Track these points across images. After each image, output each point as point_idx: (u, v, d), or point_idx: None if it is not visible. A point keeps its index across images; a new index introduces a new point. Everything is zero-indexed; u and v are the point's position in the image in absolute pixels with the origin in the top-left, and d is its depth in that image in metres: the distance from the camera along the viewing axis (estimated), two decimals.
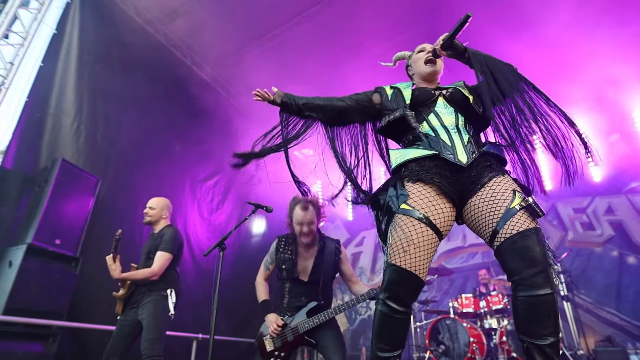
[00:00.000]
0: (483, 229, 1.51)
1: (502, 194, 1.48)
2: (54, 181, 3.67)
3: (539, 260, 1.34)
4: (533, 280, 1.33)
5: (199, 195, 6.06)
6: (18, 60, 3.98)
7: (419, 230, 1.48)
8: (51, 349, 3.46)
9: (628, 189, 6.51)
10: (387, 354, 1.48)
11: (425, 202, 1.52)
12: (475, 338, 4.65)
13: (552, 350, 1.30)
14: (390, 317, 1.47)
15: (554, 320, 1.32)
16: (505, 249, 1.40)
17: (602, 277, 6.12)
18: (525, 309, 1.36)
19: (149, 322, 2.86)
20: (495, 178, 1.55)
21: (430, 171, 1.56)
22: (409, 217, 1.50)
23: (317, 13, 5.73)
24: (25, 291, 3.29)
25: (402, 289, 1.47)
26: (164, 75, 5.78)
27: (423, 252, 1.48)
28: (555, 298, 1.34)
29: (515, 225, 1.40)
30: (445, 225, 1.54)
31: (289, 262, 2.72)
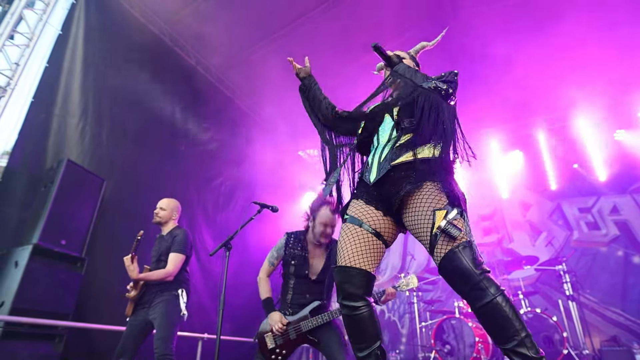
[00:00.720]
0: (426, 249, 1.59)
1: (422, 218, 1.52)
2: (59, 182, 3.67)
3: (468, 277, 1.39)
4: (472, 294, 1.39)
5: (204, 195, 6.06)
6: (23, 61, 3.99)
7: (349, 229, 1.68)
8: (57, 349, 3.47)
9: (633, 189, 6.49)
10: (365, 351, 1.57)
11: (359, 210, 1.71)
12: (481, 338, 4.64)
13: (525, 348, 1.30)
14: (353, 316, 1.59)
15: (510, 321, 1.33)
16: (442, 274, 1.48)
17: (608, 277, 6.10)
18: (482, 319, 1.40)
19: (161, 321, 2.88)
20: (414, 194, 1.57)
21: (361, 190, 1.78)
22: (344, 222, 1.75)
23: (323, 13, 5.73)
24: (31, 291, 3.29)
25: (350, 285, 1.60)
26: (169, 75, 5.79)
27: (354, 247, 1.63)
28: (498, 301, 1.34)
29: (440, 251, 1.45)
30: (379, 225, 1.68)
31: (300, 258, 2.74)
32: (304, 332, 2.56)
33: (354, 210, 1.74)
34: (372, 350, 1.55)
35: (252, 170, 6.92)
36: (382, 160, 1.69)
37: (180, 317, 3.01)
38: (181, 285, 3.15)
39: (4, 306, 3.14)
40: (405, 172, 1.61)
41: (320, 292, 2.71)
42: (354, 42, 6.16)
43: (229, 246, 2.48)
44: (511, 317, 1.33)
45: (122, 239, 4.57)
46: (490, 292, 1.35)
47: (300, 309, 2.67)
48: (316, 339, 2.54)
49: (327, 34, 6.02)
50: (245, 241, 5.93)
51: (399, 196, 1.58)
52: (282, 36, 6.18)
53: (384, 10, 5.60)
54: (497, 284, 1.38)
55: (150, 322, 3.02)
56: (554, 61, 6.08)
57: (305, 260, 2.74)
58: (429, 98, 1.66)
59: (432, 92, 1.67)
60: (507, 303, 1.35)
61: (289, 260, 2.77)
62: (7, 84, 3.86)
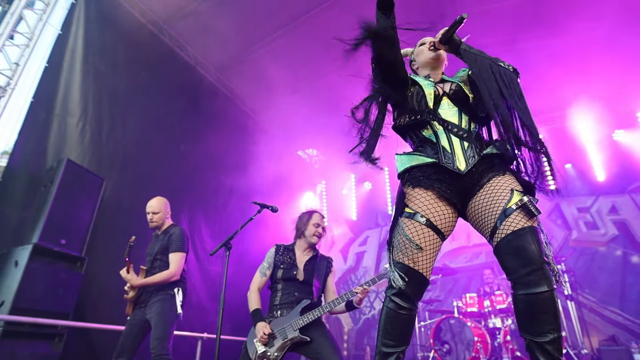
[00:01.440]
0: (483, 229, 1.55)
1: (500, 194, 1.50)
2: (59, 181, 3.67)
3: (533, 259, 1.35)
4: (528, 279, 1.35)
5: (204, 195, 6.06)
6: (23, 60, 4.00)
7: (421, 232, 1.56)
8: (57, 348, 3.47)
9: (632, 188, 6.51)
10: (391, 349, 1.54)
11: (426, 205, 1.59)
12: (480, 337, 4.65)
13: (554, 347, 1.30)
14: (396, 313, 1.55)
15: (553, 317, 1.32)
16: (501, 248, 1.43)
17: (606, 277, 6.12)
18: (523, 307, 1.37)
19: (157, 321, 2.89)
20: (494, 178, 1.56)
21: (430, 177, 1.62)
22: (411, 219, 1.58)
23: (322, 13, 5.73)
24: (31, 291, 3.30)
25: (408, 286, 1.53)
26: (168, 75, 5.80)
27: (426, 252, 1.55)
28: (553, 295, 1.34)
29: (510, 224, 1.42)
30: (445, 226, 1.59)
31: (288, 263, 2.83)
32: (295, 331, 2.55)
33: (419, 204, 1.60)
34: (397, 352, 1.53)
35: (251, 170, 6.92)
36: (466, 148, 1.62)
37: (176, 317, 3.02)
38: (177, 284, 3.15)
39: (4, 305, 3.15)
40: (487, 164, 1.60)
41: (309, 292, 2.75)
42: None
43: (229, 246, 2.49)
44: (555, 314, 1.33)
45: (122, 239, 4.57)
46: (546, 282, 1.34)
47: (289, 307, 2.68)
48: (308, 338, 2.54)
49: (327, 34, 6.00)
50: (245, 241, 5.93)
51: (480, 183, 1.57)
52: (281, 36, 6.18)
53: None
54: (552, 278, 1.36)
55: (148, 321, 3.03)
56: (552, 61, 6.10)
57: (293, 264, 2.83)
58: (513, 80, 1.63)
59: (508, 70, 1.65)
60: (555, 299, 1.34)
61: (278, 265, 2.84)
62: (7, 84, 3.87)
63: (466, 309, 5.15)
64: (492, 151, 1.62)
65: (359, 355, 7.21)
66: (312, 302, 2.66)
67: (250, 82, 7.06)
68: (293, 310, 2.64)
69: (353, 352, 7.41)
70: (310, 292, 2.74)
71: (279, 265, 2.84)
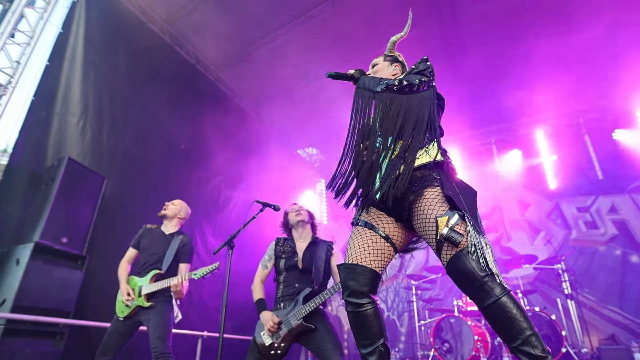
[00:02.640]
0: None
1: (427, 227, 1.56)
2: (60, 180, 3.67)
3: (472, 278, 1.42)
4: (477, 297, 1.43)
5: (205, 193, 6.07)
6: (24, 59, 4.00)
7: (359, 232, 1.75)
8: (58, 346, 3.47)
9: (631, 188, 6.52)
10: (369, 348, 1.60)
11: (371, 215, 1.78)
12: (480, 336, 4.66)
13: (530, 347, 1.32)
14: (357, 313, 1.62)
15: (513, 321, 1.35)
16: (450, 276, 1.53)
17: (606, 276, 6.14)
18: (488, 319, 1.43)
19: (157, 321, 2.90)
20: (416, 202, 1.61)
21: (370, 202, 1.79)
22: (356, 226, 1.80)
23: (322, 12, 5.74)
24: (33, 289, 3.30)
25: (355, 282, 1.63)
26: (168, 74, 5.80)
27: (363, 246, 1.69)
28: (503, 301, 1.37)
29: (445, 256, 1.50)
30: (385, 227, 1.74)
31: (289, 252, 2.90)
32: (299, 320, 2.58)
33: (366, 216, 1.79)
34: (375, 347, 1.57)
35: (251, 169, 6.93)
36: (382, 175, 1.70)
37: (174, 319, 3.04)
38: None
39: (6, 304, 3.15)
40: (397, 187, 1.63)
41: (309, 280, 2.78)
42: (353, 41, 6.18)
43: (231, 244, 2.50)
44: (516, 317, 1.35)
45: (122, 237, 4.58)
46: (495, 293, 1.38)
47: (291, 299, 2.72)
48: (313, 325, 2.56)
49: (327, 33, 6.03)
50: (246, 240, 5.93)
51: (404, 207, 1.63)
52: (281, 35, 6.19)
53: (383, 9, 5.61)
54: (502, 285, 1.39)
55: (139, 322, 3.03)
56: (551, 61, 6.11)
57: (294, 253, 2.90)
58: (384, 100, 1.73)
59: (385, 92, 1.74)
60: (512, 303, 1.37)
61: (280, 256, 2.92)
62: (8, 82, 3.86)
63: (466, 307, 5.16)
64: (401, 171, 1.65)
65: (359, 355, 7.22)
66: (312, 290, 2.70)
67: (251, 80, 7.07)
68: (295, 300, 2.68)
69: (353, 351, 7.42)
70: (310, 281, 2.78)
71: (280, 256, 2.91)
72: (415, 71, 1.83)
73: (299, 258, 2.87)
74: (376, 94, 1.75)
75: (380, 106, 1.73)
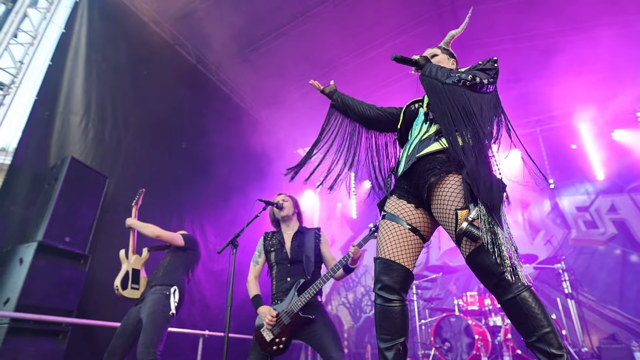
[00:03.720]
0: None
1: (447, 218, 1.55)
2: (63, 179, 3.68)
3: (491, 273, 1.43)
4: (495, 291, 1.45)
5: (206, 193, 6.08)
6: (28, 59, 4.01)
7: (387, 226, 1.74)
8: (61, 345, 3.48)
9: (631, 188, 6.54)
10: (388, 343, 1.59)
11: (393, 206, 1.78)
12: (480, 335, 4.68)
13: (545, 344, 1.33)
14: (385, 307, 1.63)
15: (530, 318, 1.36)
16: (469, 267, 1.53)
17: (605, 275, 6.15)
18: (507, 313, 1.45)
19: (146, 323, 2.87)
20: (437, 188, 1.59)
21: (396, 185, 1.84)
22: (383, 219, 1.78)
23: (323, 12, 5.76)
24: (36, 288, 3.31)
25: (389, 278, 1.63)
26: (170, 73, 5.82)
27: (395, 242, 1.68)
28: (521, 298, 1.38)
29: (464, 250, 1.50)
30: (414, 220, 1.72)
31: (278, 244, 2.93)
32: (297, 312, 2.59)
33: (390, 206, 1.79)
34: (394, 344, 1.58)
35: (252, 168, 6.95)
36: (409, 153, 1.74)
37: (168, 318, 2.97)
38: (177, 282, 3.16)
39: (10, 303, 3.16)
40: (429, 164, 1.63)
41: (301, 272, 2.79)
42: (354, 40, 6.20)
43: (235, 243, 2.51)
44: (534, 313, 1.36)
45: (125, 236, 4.59)
46: (513, 288, 1.39)
47: (284, 293, 2.73)
48: (312, 315, 2.58)
49: (328, 32, 6.05)
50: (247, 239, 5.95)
51: (424, 190, 1.62)
52: (282, 34, 6.21)
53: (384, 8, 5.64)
54: (522, 280, 1.40)
55: (142, 321, 3.01)
56: (552, 60, 6.12)
57: (282, 245, 2.93)
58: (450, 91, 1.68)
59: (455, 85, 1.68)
60: (532, 299, 1.37)
61: (270, 249, 2.94)
62: (11, 82, 3.88)
63: (467, 307, 5.17)
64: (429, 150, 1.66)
65: (360, 354, 7.24)
66: (306, 280, 2.72)
67: (251, 80, 7.07)
68: (289, 293, 2.70)
69: (353, 350, 7.44)
70: (302, 271, 2.79)
71: (269, 250, 2.94)
72: (480, 68, 1.77)
73: (287, 250, 2.89)
74: (445, 86, 1.69)
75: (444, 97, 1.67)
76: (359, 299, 8.07)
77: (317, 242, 2.98)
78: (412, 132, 1.87)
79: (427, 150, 1.66)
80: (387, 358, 1.56)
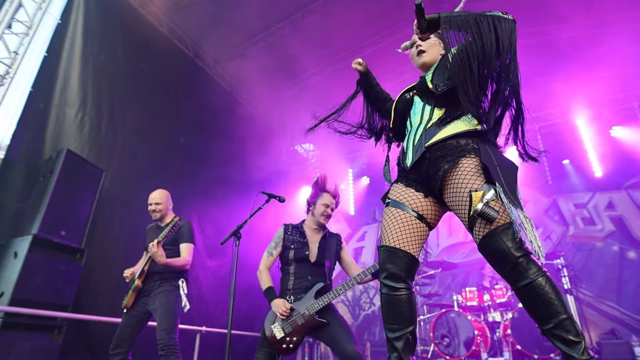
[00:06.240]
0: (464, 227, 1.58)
1: (460, 201, 1.50)
2: (59, 172, 3.61)
3: (507, 258, 1.37)
4: (510, 277, 1.39)
5: (202, 187, 6.01)
6: (22, 49, 3.94)
7: (392, 212, 1.68)
8: (56, 340, 3.43)
9: (629, 185, 6.55)
10: (397, 333, 1.54)
11: (399, 193, 1.71)
12: (480, 331, 4.67)
13: (563, 330, 1.29)
14: (392, 296, 1.58)
15: (547, 304, 1.31)
16: (481, 251, 1.47)
17: (603, 272, 6.17)
18: (521, 300, 1.40)
19: (163, 312, 2.86)
20: (450, 173, 1.53)
21: (400, 175, 1.78)
22: (387, 207, 1.73)
23: (323, 6, 5.71)
24: (31, 282, 3.25)
25: (395, 266, 1.59)
26: (167, 67, 5.75)
27: (400, 229, 1.63)
28: (538, 284, 1.33)
29: (478, 232, 1.44)
30: (421, 207, 1.67)
31: (299, 242, 2.82)
32: (312, 315, 2.54)
33: (395, 194, 1.73)
34: (404, 334, 1.53)
35: (249, 164, 6.89)
36: (416, 143, 1.67)
37: (181, 308, 3.01)
38: (182, 275, 3.15)
39: (4, 297, 3.10)
40: (440, 151, 1.57)
41: (322, 274, 2.73)
42: (353, 36, 6.17)
43: (238, 235, 2.47)
44: (550, 299, 1.31)
45: (121, 230, 4.55)
46: (529, 274, 1.34)
47: (303, 292, 2.66)
48: (325, 320, 2.53)
49: (327, 28, 6.01)
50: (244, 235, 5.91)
51: (437, 178, 1.55)
52: (280, 29, 6.16)
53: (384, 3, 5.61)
54: (538, 265, 1.36)
55: (149, 312, 3.01)
56: (550, 58, 6.12)
57: (304, 244, 2.82)
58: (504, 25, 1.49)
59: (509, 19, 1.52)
60: (548, 284, 1.33)
61: (289, 246, 2.82)
62: (6, 73, 3.80)
63: (466, 302, 5.15)
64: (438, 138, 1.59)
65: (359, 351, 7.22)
66: (325, 285, 2.66)
67: (248, 75, 7.01)
68: (307, 294, 2.63)
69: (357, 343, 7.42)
70: (323, 274, 2.73)
71: (289, 246, 2.82)
72: None
73: (310, 251, 2.80)
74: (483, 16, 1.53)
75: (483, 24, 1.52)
76: (357, 296, 8.05)
77: (339, 249, 2.96)
78: (412, 121, 1.78)
79: (436, 138, 1.60)
80: (397, 348, 1.51)
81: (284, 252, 2.84)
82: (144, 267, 3.07)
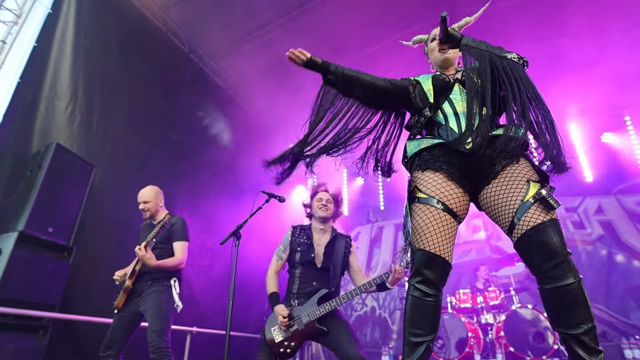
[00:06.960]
0: (500, 221, 1.53)
1: (516, 186, 1.47)
2: (47, 166, 3.48)
3: (557, 252, 1.34)
4: (555, 273, 1.34)
5: (195, 185, 5.90)
6: (11, 39, 3.79)
7: (437, 216, 1.55)
8: (42, 341, 3.30)
9: (617, 190, 6.67)
10: (420, 338, 1.49)
11: (437, 188, 1.58)
12: (473, 333, 4.68)
13: (589, 338, 1.28)
14: (422, 301, 1.52)
15: (584, 308, 1.30)
16: (523, 245, 1.42)
17: (592, 275, 6.25)
18: (553, 301, 1.35)
19: (154, 313, 2.78)
20: (509, 166, 1.53)
21: (439, 159, 1.62)
22: (427, 205, 1.57)
23: (321, 5, 5.65)
24: (16, 281, 3.12)
25: (432, 272, 1.52)
26: (161, 61, 5.63)
27: (439, 233, 1.54)
28: (581, 286, 1.32)
29: (529, 220, 1.39)
30: (459, 208, 1.59)
31: (305, 245, 2.78)
32: (313, 321, 2.50)
33: (433, 188, 1.60)
34: (426, 340, 1.50)
35: (243, 162, 6.79)
36: (475, 129, 1.58)
37: (173, 309, 2.94)
38: (174, 274, 3.07)
39: None
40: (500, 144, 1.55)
41: (327, 280, 2.69)
42: (351, 35, 6.12)
43: (238, 235, 2.40)
44: (587, 304, 1.31)
45: (111, 228, 4.42)
46: (574, 274, 1.33)
47: (307, 297, 2.63)
48: (325, 328, 2.48)
49: (324, 27, 5.95)
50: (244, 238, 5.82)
51: (493, 170, 1.54)
52: (277, 27, 6.08)
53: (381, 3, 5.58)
54: (577, 270, 1.35)
55: (140, 313, 2.93)
56: (543, 63, 6.17)
57: (310, 246, 2.79)
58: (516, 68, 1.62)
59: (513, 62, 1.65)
60: (583, 290, 1.32)
61: (295, 248, 2.80)
62: None
63: (459, 304, 5.17)
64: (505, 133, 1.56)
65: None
66: (329, 291, 2.61)
67: (244, 73, 6.93)
68: (310, 300, 2.58)
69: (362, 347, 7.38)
70: (328, 280, 2.69)
71: (295, 249, 2.80)
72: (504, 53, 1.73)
73: (316, 255, 2.76)
74: (503, 60, 1.64)
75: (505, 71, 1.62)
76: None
77: (347, 252, 2.90)
78: (454, 104, 1.72)
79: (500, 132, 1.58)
80: (417, 353, 1.47)
81: (291, 254, 2.82)
82: (135, 267, 2.98)
